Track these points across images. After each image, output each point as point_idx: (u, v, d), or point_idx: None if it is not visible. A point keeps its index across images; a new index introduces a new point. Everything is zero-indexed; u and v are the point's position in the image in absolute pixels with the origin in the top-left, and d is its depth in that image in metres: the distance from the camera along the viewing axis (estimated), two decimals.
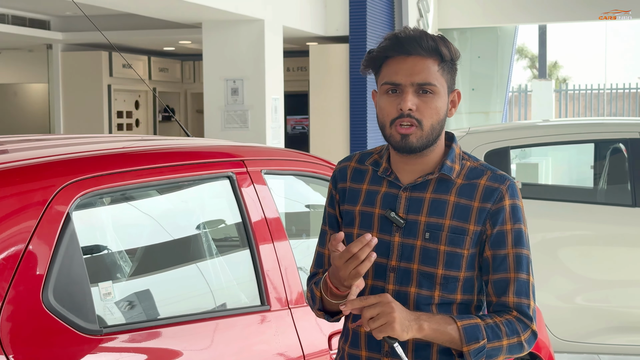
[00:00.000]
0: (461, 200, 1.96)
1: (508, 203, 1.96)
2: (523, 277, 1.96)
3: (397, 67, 1.93)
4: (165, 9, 8.12)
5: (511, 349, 1.94)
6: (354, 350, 2.02)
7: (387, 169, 2.03)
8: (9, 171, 2.16)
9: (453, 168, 2.00)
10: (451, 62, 1.98)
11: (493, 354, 1.92)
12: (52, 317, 2.04)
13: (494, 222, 1.95)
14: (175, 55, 13.34)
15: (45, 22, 10.81)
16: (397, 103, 1.93)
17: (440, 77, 1.95)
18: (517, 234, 1.97)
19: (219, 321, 2.48)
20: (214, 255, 2.83)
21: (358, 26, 10.18)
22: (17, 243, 2.03)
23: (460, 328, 1.89)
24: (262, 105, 8.51)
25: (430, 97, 1.93)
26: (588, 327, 5.35)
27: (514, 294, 1.95)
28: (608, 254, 5.41)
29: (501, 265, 1.96)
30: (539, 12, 12.66)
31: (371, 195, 2.02)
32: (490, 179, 1.98)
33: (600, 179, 5.88)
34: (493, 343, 1.91)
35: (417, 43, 1.92)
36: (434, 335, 1.89)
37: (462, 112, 13.68)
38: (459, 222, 1.95)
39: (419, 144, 1.93)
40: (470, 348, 1.89)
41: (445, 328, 1.89)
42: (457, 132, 6.03)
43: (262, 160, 2.86)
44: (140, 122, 12.62)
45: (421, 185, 1.99)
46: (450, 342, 1.90)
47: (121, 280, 2.44)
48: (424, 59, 1.93)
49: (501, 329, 1.92)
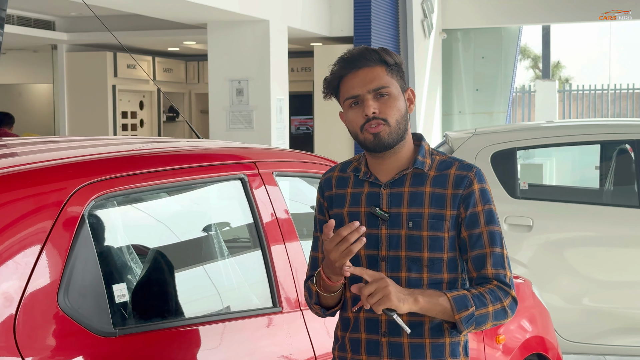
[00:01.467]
0: (436, 190, 2.19)
1: (477, 187, 2.19)
2: (498, 251, 2.18)
3: (352, 82, 2.18)
4: (170, 9, 8.13)
5: (496, 315, 2.14)
6: (355, 334, 2.23)
7: (366, 172, 2.25)
8: (25, 173, 2.17)
9: (425, 162, 2.22)
10: (397, 66, 2.21)
11: (481, 321, 2.12)
12: (67, 318, 2.05)
13: (467, 205, 2.18)
14: (180, 55, 13.36)
15: (50, 22, 10.82)
16: (361, 111, 2.17)
17: (391, 79, 2.18)
18: (488, 214, 2.19)
19: (232, 323, 2.49)
20: (227, 257, 2.84)
21: (362, 27, 10.18)
22: (33, 245, 2.04)
23: (450, 298, 2.10)
24: (267, 105, 8.51)
25: (387, 98, 2.17)
26: (594, 328, 5.35)
27: (491, 266, 2.17)
28: (614, 255, 5.41)
29: (477, 243, 2.18)
30: (540, 13, 12.66)
31: (356, 197, 2.24)
32: (458, 168, 2.21)
33: (607, 180, 5.88)
34: (480, 310, 2.11)
35: (362, 57, 2.18)
36: (428, 307, 2.09)
37: (466, 113, 13.68)
38: (436, 210, 2.17)
39: (390, 138, 2.16)
40: (461, 315, 2.09)
41: (437, 300, 2.09)
42: (463, 133, 6.04)
43: (274, 162, 2.87)
44: (145, 122, 12.63)
45: (399, 180, 2.21)
46: (443, 313, 2.10)
47: (135, 282, 2.45)
48: (372, 68, 2.17)
49: (485, 297, 2.13)
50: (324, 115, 10.48)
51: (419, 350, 2.17)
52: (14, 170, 2.17)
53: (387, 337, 2.18)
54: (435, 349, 2.18)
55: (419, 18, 11.76)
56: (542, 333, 3.76)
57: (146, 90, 12.60)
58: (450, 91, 13.63)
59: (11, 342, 1.94)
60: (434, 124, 13.00)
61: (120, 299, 2.27)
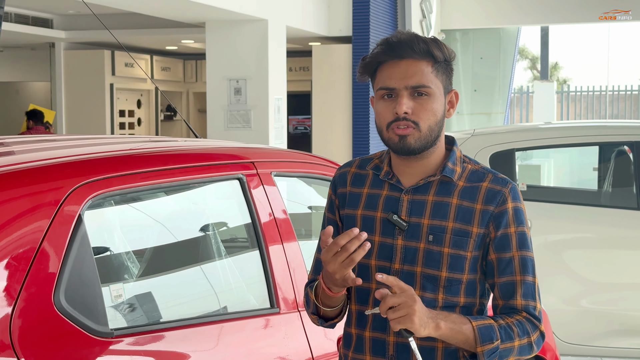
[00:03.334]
0: (464, 203, 1.96)
1: (511, 206, 1.96)
2: (529, 280, 1.97)
3: (391, 71, 1.93)
4: (169, 8, 8.11)
5: (521, 350, 1.95)
6: (358, 355, 2.01)
7: (388, 172, 2.02)
8: (21, 172, 2.15)
9: (454, 170, 2.00)
10: (445, 63, 1.97)
11: (504, 355, 1.92)
12: (63, 319, 2.04)
13: (497, 225, 1.95)
14: (178, 54, 13.33)
15: (48, 20, 10.80)
16: (392, 107, 1.93)
17: (435, 78, 1.94)
18: (521, 237, 1.97)
19: (229, 324, 2.48)
20: (224, 257, 2.83)
21: (361, 27, 10.17)
22: (29, 244, 2.03)
23: (476, 328, 1.89)
24: (265, 105, 8.50)
25: (426, 99, 1.93)
26: (592, 330, 5.34)
27: (521, 296, 1.96)
28: (613, 257, 5.41)
29: (507, 268, 1.96)
30: (540, 13, 12.64)
31: (372, 199, 2.02)
32: (492, 182, 1.98)
33: (605, 181, 5.87)
34: (506, 344, 1.91)
35: (408, 46, 1.92)
36: (450, 334, 1.88)
37: (464, 113, 13.67)
38: (462, 225, 1.95)
39: (417, 145, 1.93)
40: (484, 349, 1.89)
41: (460, 327, 1.88)
42: (462, 133, 6.03)
43: (272, 162, 2.86)
44: (143, 121, 12.61)
45: (423, 187, 1.99)
46: (465, 342, 1.90)
47: (132, 282, 2.44)
48: (417, 61, 1.93)
49: (513, 330, 1.93)
50: (321, 115, 10.46)
51: None
52: (11, 169, 2.15)
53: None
54: None
55: (418, 18, 11.75)
56: None
57: (144, 89, 12.58)
58: None
59: (7, 343, 1.93)
60: None
61: (117, 299, 2.26)
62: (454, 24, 13.08)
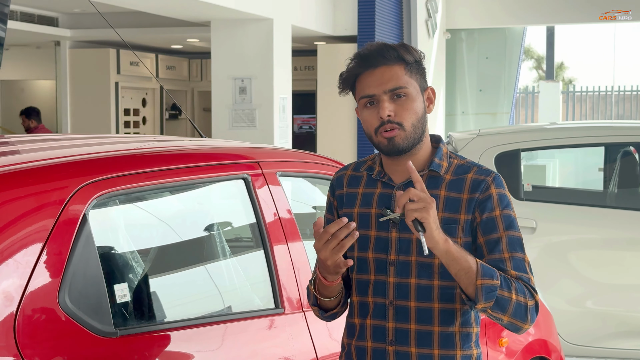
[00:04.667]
0: (451, 194, 2.09)
1: (495, 192, 2.08)
2: (518, 256, 2.05)
3: (368, 80, 2.07)
4: (174, 7, 8.11)
5: (517, 309, 2.00)
6: (360, 342, 2.13)
7: (380, 172, 2.15)
8: (27, 171, 2.15)
9: (441, 165, 2.12)
10: (417, 64, 2.11)
11: (501, 303, 1.98)
12: (68, 318, 2.03)
13: (482, 210, 2.06)
14: (183, 53, 13.34)
15: (54, 19, 10.81)
16: (376, 113, 2.06)
17: (410, 79, 2.08)
18: (507, 218, 2.06)
19: (234, 324, 2.47)
20: (229, 257, 2.82)
21: (366, 26, 10.16)
22: (34, 243, 2.03)
23: (479, 263, 1.98)
24: (270, 104, 8.50)
25: (405, 99, 2.06)
26: (598, 331, 5.33)
27: (513, 268, 2.03)
28: (618, 258, 5.39)
29: (495, 248, 2.05)
30: (542, 13, 12.62)
31: (367, 197, 2.15)
32: (476, 173, 2.10)
33: (611, 182, 5.86)
34: (503, 291, 1.98)
35: (380, 55, 2.07)
36: (455, 256, 1.95)
37: (470, 113, 13.66)
38: (450, 214, 2.07)
39: (405, 143, 2.06)
40: (483, 282, 1.96)
41: (466, 255, 1.97)
42: (467, 134, 6.02)
43: (277, 162, 2.85)
44: (147, 120, 12.61)
45: (413, 182, 2.06)
46: (466, 272, 1.97)
47: (136, 282, 2.43)
48: (390, 67, 2.07)
49: (512, 284, 2.00)
50: (326, 114, 10.45)
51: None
52: (16, 168, 2.15)
53: (394, 346, 2.08)
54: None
55: (423, 18, 11.73)
56: (545, 336, 3.74)
57: (149, 88, 12.58)
58: (454, 91, 13.60)
59: (11, 342, 1.93)
60: (437, 124, 12.97)
61: (122, 299, 2.26)
62: (460, 24, 13.06)
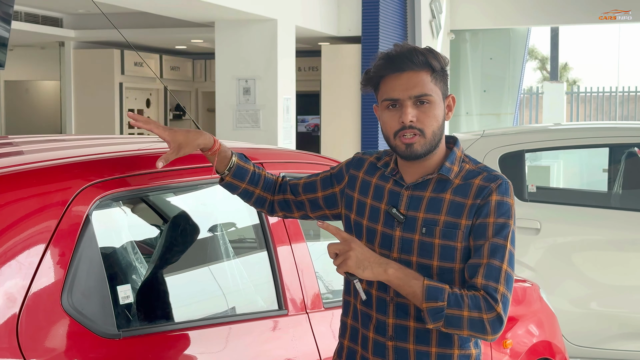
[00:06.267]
0: (456, 198, 2.10)
1: (495, 199, 2.07)
2: (495, 264, 2.03)
3: (394, 83, 2.09)
4: (178, 7, 8.11)
5: (472, 324, 1.99)
6: (353, 344, 2.21)
7: (394, 169, 2.19)
8: (30, 172, 2.14)
9: (451, 169, 2.14)
10: (442, 71, 2.14)
11: (453, 322, 1.99)
12: (70, 319, 2.03)
13: (478, 215, 2.07)
14: (187, 53, 13.34)
15: (58, 19, 10.82)
16: (398, 116, 2.09)
17: (434, 86, 2.10)
18: (499, 226, 2.06)
19: (237, 325, 2.47)
20: (232, 259, 2.81)
21: (370, 27, 10.15)
22: (37, 244, 2.02)
23: (424, 285, 2.00)
24: (274, 105, 8.49)
25: (428, 106, 2.09)
26: (602, 333, 5.31)
27: (482, 276, 2.03)
28: (623, 259, 5.38)
29: (477, 252, 2.05)
30: (540, 14, 12.58)
31: (379, 190, 2.19)
32: (484, 179, 2.11)
33: (615, 183, 5.84)
34: (453, 309, 1.98)
35: (408, 59, 2.09)
36: (398, 283, 2.02)
37: (473, 114, 13.64)
38: (452, 218, 2.09)
39: (424, 150, 2.09)
40: (428, 305, 1.99)
41: (410, 281, 2.01)
42: (471, 134, 6.01)
43: (281, 163, 2.85)
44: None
45: (422, 184, 2.14)
46: (413, 296, 2.02)
47: (139, 283, 2.43)
48: (417, 72, 2.09)
49: (464, 300, 2.00)
50: (330, 115, 10.44)
51: (424, 358, 2.11)
52: (19, 169, 2.15)
53: (393, 342, 2.13)
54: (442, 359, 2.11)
55: (427, 18, 11.72)
56: (550, 337, 3.73)
57: (153, 88, 12.59)
58: (458, 92, 13.58)
59: (14, 344, 1.92)
60: None
61: (125, 300, 2.25)
62: (464, 25, 13.04)
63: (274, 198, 2.37)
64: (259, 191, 2.35)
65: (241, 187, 2.33)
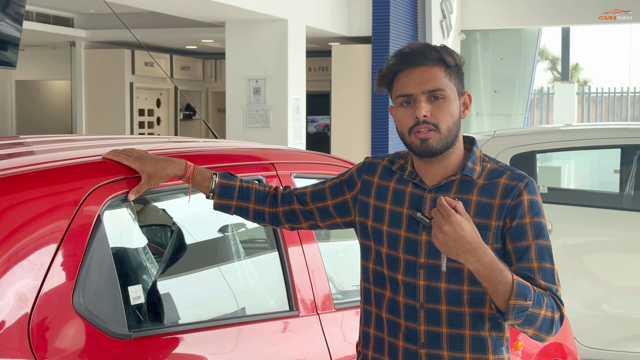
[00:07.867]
0: (483, 199, 2.06)
1: (526, 198, 2.05)
2: (547, 266, 2.02)
3: (407, 79, 2.06)
4: (189, 7, 8.12)
5: (544, 323, 1.96)
6: (378, 355, 2.15)
7: (412, 172, 2.13)
8: (41, 172, 2.14)
9: (474, 169, 2.09)
10: (456, 68, 2.09)
11: (530, 319, 1.94)
12: (82, 320, 2.03)
13: (513, 216, 2.03)
14: (197, 53, 13.35)
15: (69, 19, 10.85)
16: (412, 112, 2.05)
17: (449, 82, 2.06)
18: (537, 227, 2.04)
19: (248, 326, 2.46)
20: (243, 259, 2.81)
21: (381, 27, 10.14)
22: (49, 244, 2.02)
23: (515, 281, 1.90)
24: (284, 105, 8.49)
25: (442, 101, 2.05)
26: (614, 334, 5.29)
27: (542, 279, 2.00)
28: (634, 261, 5.35)
29: (524, 256, 2.01)
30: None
31: (399, 194, 2.13)
32: (509, 178, 2.07)
33: (627, 184, 5.81)
34: (535, 308, 1.94)
35: (421, 54, 2.05)
36: (484, 274, 1.89)
37: (484, 114, 13.60)
38: (481, 219, 2.03)
39: (439, 146, 2.04)
40: (516, 303, 1.90)
41: (497, 274, 1.89)
42: (482, 135, 5.99)
43: (292, 164, 2.84)
44: (162, 120, 12.64)
45: (445, 186, 2.09)
46: (503, 286, 1.90)
47: (150, 284, 2.43)
48: (431, 67, 2.05)
49: (543, 299, 1.96)
50: (341, 115, 10.44)
51: None
52: (31, 169, 2.15)
53: (426, 349, 2.07)
54: None
55: (438, 18, 11.70)
56: (561, 339, 3.71)
57: (163, 88, 12.61)
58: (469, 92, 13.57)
59: (25, 344, 1.92)
60: None
61: (136, 300, 2.25)
62: (474, 25, 13.01)
63: (277, 210, 2.30)
64: (253, 205, 2.30)
65: (232, 205, 2.29)
